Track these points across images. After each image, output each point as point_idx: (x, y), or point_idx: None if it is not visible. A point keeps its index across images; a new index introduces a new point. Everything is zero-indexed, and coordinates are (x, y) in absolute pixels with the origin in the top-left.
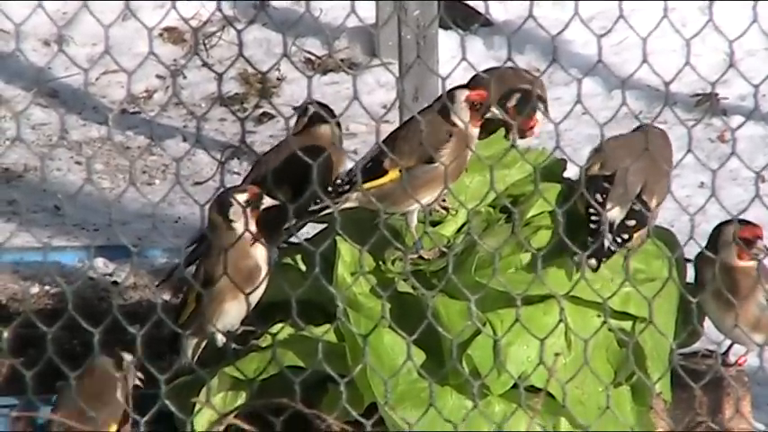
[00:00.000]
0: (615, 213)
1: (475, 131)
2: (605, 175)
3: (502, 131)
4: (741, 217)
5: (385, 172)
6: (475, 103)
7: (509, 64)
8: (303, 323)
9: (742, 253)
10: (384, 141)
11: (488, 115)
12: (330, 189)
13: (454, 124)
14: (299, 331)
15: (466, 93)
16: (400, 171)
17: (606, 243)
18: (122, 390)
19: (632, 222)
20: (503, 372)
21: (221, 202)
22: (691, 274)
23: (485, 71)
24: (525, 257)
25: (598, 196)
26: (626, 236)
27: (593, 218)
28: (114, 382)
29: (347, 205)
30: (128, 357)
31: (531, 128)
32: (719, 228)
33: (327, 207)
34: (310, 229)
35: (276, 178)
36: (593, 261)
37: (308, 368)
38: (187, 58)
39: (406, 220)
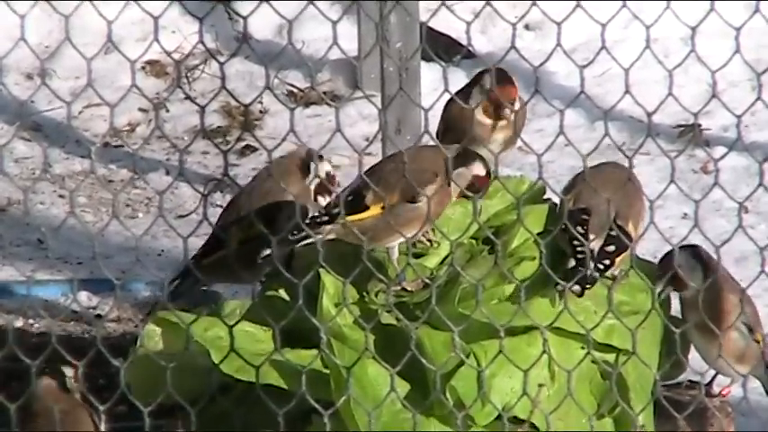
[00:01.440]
0: (595, 243)
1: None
2: (581, 208)
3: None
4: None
5: (366, 207)
6: (473, 185)
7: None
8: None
9: None
10: (367, 174)
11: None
12: (309, 221)
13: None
14: (283, 360)
15: (473, 175)
16: (383, 208)
17: (589, 272)
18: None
19: (611, 248)
20: (486, 403)
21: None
22: (675, 306)
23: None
24: (508, 289)
25: (579, 228)
26: (607, 261)
27: (578, 248)
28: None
29: (326, 237)
30: (68, 372)
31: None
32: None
33: (307, 237)
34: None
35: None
36: (576, 287)
37: (291, 391)
38: (170, 91)
39: (387, 253)
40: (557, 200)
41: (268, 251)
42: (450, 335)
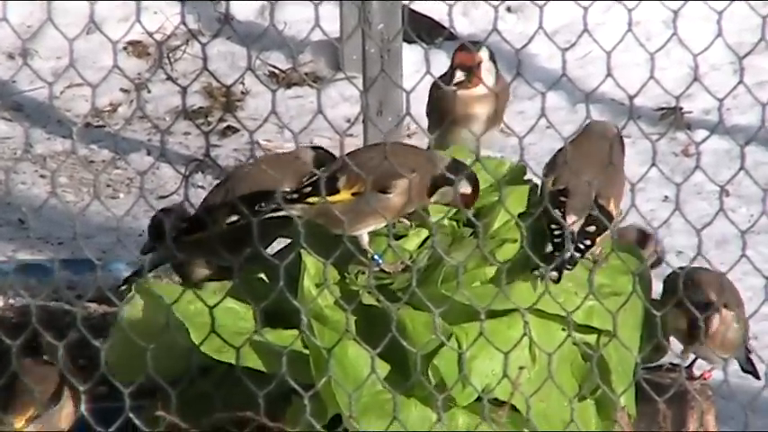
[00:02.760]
0: (575, 225)
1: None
2: (559, 189)
3: (464, 143)
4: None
5: (337, 191)
6: (466, 196)
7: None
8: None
9: None
10: (346, 158)
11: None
12: (279, 195)
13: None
14: (263, 341)
15: (464, 191)
16: (353, 194)
17: (567, 255)
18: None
19: (592, 228)
20: (467, 384)
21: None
22: (658, 288)
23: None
24: (490, 271)
25: (557, 211)
26: (588, 242)
27: (555, 232)
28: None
29: (293, 213)
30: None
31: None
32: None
33: (278, 210)
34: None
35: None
36: (554, 273)
37: (271, 373)
38: (151, 72)
39: (357, 240)
40: (538, 181)
41: (234, 217)
42: (431, 315)
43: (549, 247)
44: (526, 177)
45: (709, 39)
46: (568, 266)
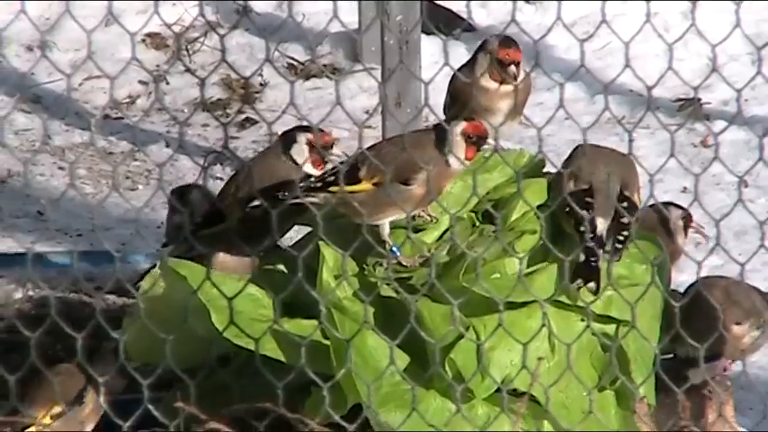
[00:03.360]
0: (602, 225)
1: (460, 167)
2: (583, 189)
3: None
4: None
5: (359, 180)
6: (471, 136)
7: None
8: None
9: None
10: (368, 150)
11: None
12: (302, 185)
13: (446, 158)
14: (283, 332)
15: (462, 126)
16: (375, 184)
17: (599, 261)
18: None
19: (626, 220)
20: (486, 376)
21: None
22: (677, 279)
23: None
24: (509, 262)
25: (585, 213)
26: (625, 232)
27: (586, 236)
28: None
29: (313, 200)
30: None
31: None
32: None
33: (296, 198)
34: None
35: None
36: (592, 284)
37: (290, 364)
38: (170, 64)
39: (378, 229)
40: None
41: (256, 202)
42: (450, 307)
43: (582, 256)
44: (545, 170)
45: (728, 29)
46: (595, 262)
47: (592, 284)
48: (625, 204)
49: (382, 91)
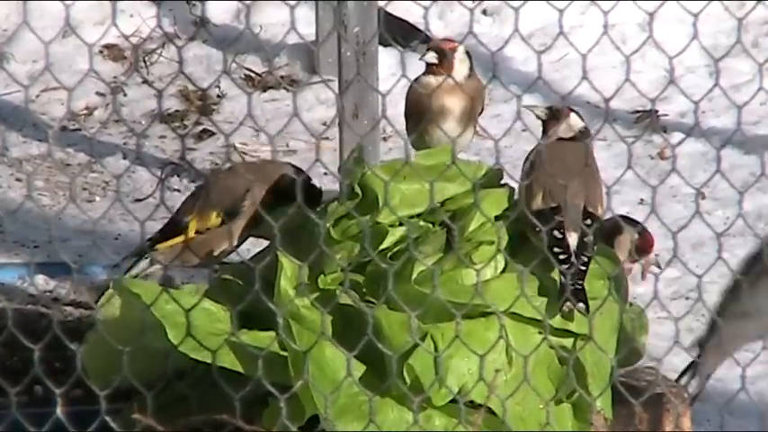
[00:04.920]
0: (573, 240)
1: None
2: (552, 207)
3: (441, 145)
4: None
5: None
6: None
7: None
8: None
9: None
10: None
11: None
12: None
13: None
14: (240, 345)
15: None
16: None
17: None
18: None
19: (590, 239)
20: (443, 384)
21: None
22: (634, 291)
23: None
24: (466, 273)
25: (557, 233)
26: (588, 254)
27: (561, 257)
28: None
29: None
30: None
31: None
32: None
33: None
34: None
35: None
36: (581, 305)
37: (249, 375)
38: (127, 75)
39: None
40: (514, 185)
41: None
42: (407, 315)
43: (560, 277)
44: (503, 181)
45: (685, 41)
46: (579, 283)
47: (581, 305)
48: (588, 222)
49: (339, 102)
